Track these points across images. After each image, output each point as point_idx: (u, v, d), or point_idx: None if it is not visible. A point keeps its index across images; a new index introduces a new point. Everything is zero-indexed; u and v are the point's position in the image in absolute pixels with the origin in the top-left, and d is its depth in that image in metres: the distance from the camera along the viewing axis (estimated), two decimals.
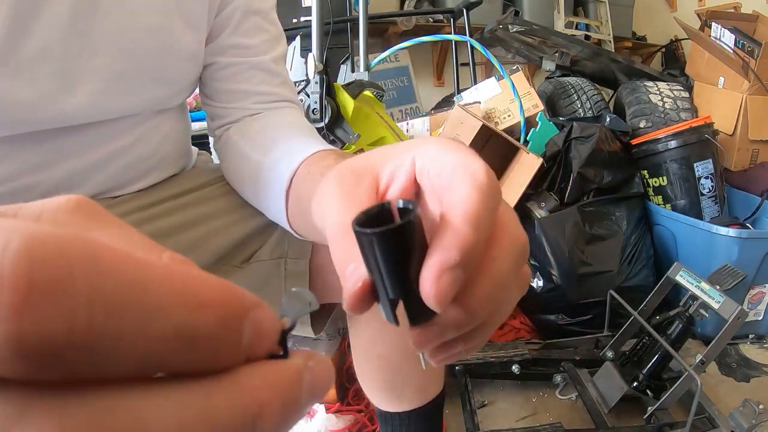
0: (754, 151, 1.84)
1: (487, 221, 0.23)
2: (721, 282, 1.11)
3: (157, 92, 0.55)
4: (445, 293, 0.21)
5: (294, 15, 2.09)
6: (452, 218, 0.22)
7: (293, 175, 0.46)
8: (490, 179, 0.23)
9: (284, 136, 0.54)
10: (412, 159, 0.26)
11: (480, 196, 0.22)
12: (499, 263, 0.24)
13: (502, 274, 0.24)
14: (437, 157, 0.25)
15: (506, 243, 0.24)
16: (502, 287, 0.24)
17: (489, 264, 0.23)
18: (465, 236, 0.21)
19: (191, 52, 0.55)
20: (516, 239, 0.25)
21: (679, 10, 3.29)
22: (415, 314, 0.23)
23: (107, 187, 0.56)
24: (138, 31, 0.50)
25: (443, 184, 0.24)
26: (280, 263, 0.60)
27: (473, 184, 0.23)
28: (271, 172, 0.49)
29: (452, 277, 0.21)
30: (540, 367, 1.29)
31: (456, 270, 0.21)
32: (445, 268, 0.21)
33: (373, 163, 0.27)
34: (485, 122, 1.41)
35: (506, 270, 0.24)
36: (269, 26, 0.62)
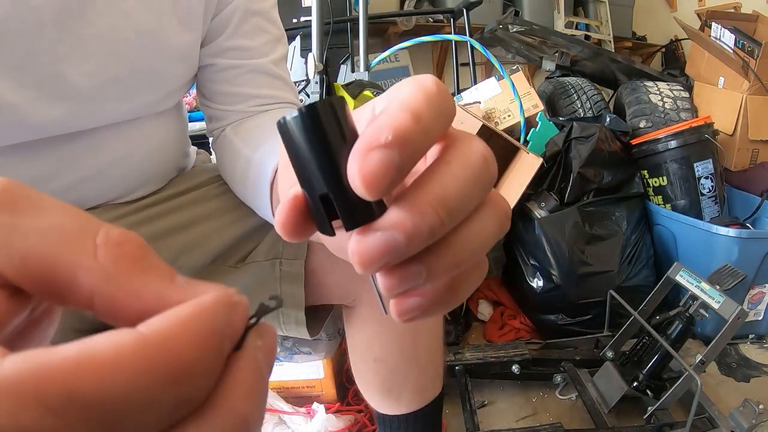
0: (754, 151, 1.84)
1: (429, 120, 0.19)
2: (721, 282, 1.11)
3: (150, 95, 0.54)
4: (374, 174, 0.18)
5: (294, 15, 2.09)
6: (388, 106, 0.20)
7: (276, 168, 0.45)
8: (438, 87, 0.20)
9: (274, 131, 0.54)
10: (372, 107, 0.23)
11: (424, 95, 0.19)
12: (454, 166, 0.20)
13: (458, 179, 0.20)
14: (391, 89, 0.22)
15: (463, 151, 0.21)
16: (460, 195, 0.20)
17: (440, 166, 0.20)
18: (399, 119, 0.18)
19: (185, 52, 0.54)
20: (475, 151, 0.21)
21: (679, 10, 3.29)
22: (348, 212, 0.19)
23: (108, 197, 0.55)
24: (131, 32, 0.48)
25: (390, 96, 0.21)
26: (275, 264, 0.59)
27: (419, 86, 0.20)
28: (258, 167, 0.48)
29: (383, 157, 0.18)
30: (540, 367, 1.29)
31: (388, 150, 0.18)
32: (373, 145, 0.18)
33: None
34: (485, 122, 1.41)
35: (463, 175, 0.20)
36: (270, 27, 0.61)
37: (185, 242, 0.57)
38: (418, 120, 0.19)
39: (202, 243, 0.58)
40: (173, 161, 0.63)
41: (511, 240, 1.57)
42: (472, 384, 1.24)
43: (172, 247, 0.57)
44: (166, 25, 0.51)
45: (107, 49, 0.47)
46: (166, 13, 0.51)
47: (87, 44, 0.46)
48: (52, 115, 0.46)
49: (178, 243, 0.57)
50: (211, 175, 0.64)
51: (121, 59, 0.49)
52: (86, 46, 0.46)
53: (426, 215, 0.19)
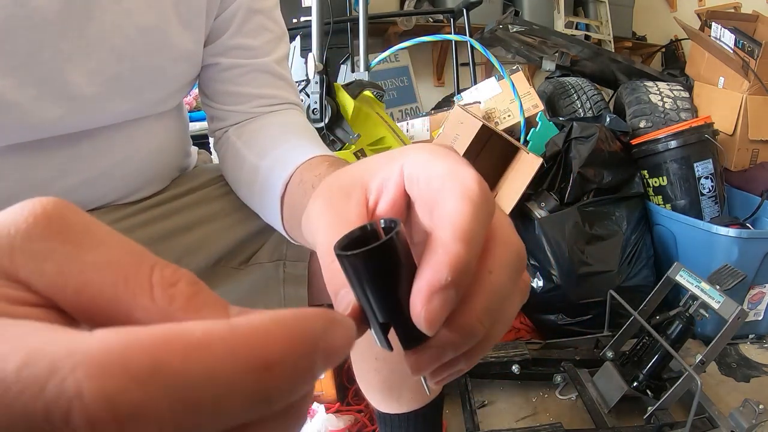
0: (754, 151, 1.84)
1: (479, 235, 0.22)
2: (721, 282, 1.11)
3: (153, 94, 0.53)
4: (436, 316, 0.20)
5: (294, 15, 2.09)
6: (442, 234, 0.21)
7: (287, 182, 0.45)
8: (481, 188, 0.22)
9: (280, 138, 0.53)
10: (400, 169, 0.25)
11: (471, 208, 0.21)
12: (496, 276, 0.22)
13: (500, 286, 0.22)
14: (426, 165, 0.24)
15: (502, 253, 0.23)
16: (501, 300, 0.23)
17: (484, 278, 0.22)
18: (456, 253, 0.20)
19: (187, 52, 0.54)
20: (512, 247, 0.23)
21: (679, 10, 3.29)
22: (407, 338, 0.22)
23: (110, 199, 0.55)
24: (133, 30, 0.48)
25: (433, 195, 0.23)
26: (278, 266, 0.59)
27: (464, 194, 0.22)
28: (267, 177, 0.48)
29: (444, 298, 0.20)
30: (540, 367, 1.29)
31: (447, 290, 0.20)
32: (435, 289, 0.20)
33: (362, 176, 0.26)
34: (485, 122, 1.41)
35: (504, 282, 0.23)
36: (272, 25, 0.60)
37: (189, 244, 0.57)
38: (470, 245, 0.21)
39: (206, 244, 0.58)
40: (175, 162, 0.63)
41: None
42: (472, 384, 1.24)
43: (175, 248, 0.57)
44: (168, 24, 0.51)
45: (109, 47, 0.47)
46: (169, 12, 0.51)
47: (89, 43, 0.46)
48: (54, 114, 0.46)
49: (181, 244, 0.57)
50: (213, 176, 0.64)
51: (124, 58, 0.48)
52: (88, 44, 0.46)
53: (474, 330, 0.22)
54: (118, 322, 0.16)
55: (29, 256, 0.15)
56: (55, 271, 0.15)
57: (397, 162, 0.25)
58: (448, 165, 0.23)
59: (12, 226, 0.15)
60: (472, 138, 1.38)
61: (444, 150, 0.25)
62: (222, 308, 0.17)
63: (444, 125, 1.44)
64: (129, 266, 0.16)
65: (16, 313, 0.15)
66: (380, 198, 0.25)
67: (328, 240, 0.24)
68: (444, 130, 1.43)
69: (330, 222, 0.25)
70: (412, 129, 1.66)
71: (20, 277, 0.15)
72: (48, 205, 0.16)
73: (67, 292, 0.15)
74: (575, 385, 1.22)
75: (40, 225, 0.16)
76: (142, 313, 0.16)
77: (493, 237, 0.23)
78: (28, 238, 0.15)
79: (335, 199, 0.26)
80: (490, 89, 1.69)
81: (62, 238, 0.16)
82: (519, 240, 0.24)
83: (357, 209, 0.25)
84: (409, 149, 0.26)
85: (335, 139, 1.26)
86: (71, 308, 0.16)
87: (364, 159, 0.29)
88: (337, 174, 0.28)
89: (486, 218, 0.22)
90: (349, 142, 1.26)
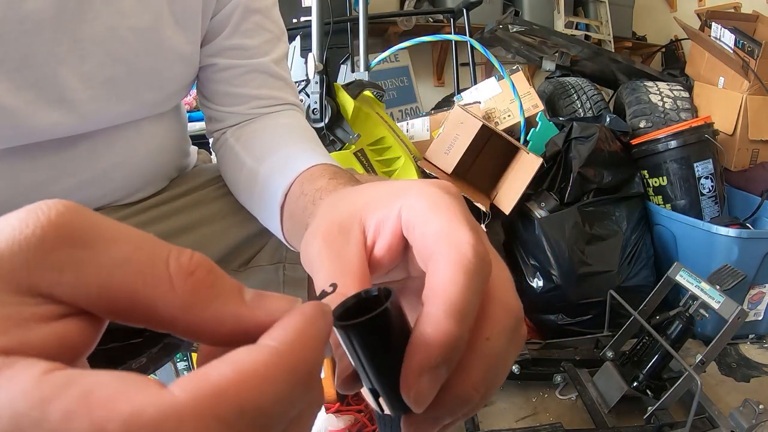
0: (754, 151, 1.84)
1: (472, 307, 0.21)
2: (721, 282, 1.11)
3: (150, 96, 0.53)
4: (425, 395, 0.20)
5: (294, 15, 2.09)
6: (433, 310, 0.20)
7: (287, 191, 0.44)
8: (476, 253, 0.21)
9: (279, 141, 0.53)
10: (398, 212, 0.24)
11: (464, 279, 0.21)
12: (494, 343, 0.22)
13: (497, 354, 0.22)
14: (423, 216, 0.23)
15: (500, 318, 0.22)
16: (497, 366, 0.22)
17: (481, 345, 0.22)
18: (446, 331, 0.20)
19: (184, 53, 0.53)
20: (511, 311, 0.23)
21: (679, 10, 3.29)
22: (399, 406, 0.21)
23: (109, 200, 0.55)
24: (128, 32, 0.48)
25: (427, 252, 0.23)
26: (278, 268, 0.59)
27: (457, 262, 0.21)
28: (266, 184, 0.48)
29: (433, 377, 0.20)
30: (540, 367, 1.29)
31: (438, 369, 0.20)
32: (425, 369, 0.20)
33: (360, 212, 0.26)
34: (485, 122, 1.41)
35: (501, 348, 0.22)
36: (270, 25, 0.59)
37: (188, 245, 0.57)
38: (462, 322, 0.20)
39: (205, 246, 0.57)
40: (174, 162, 0.63)
41: (511, 240, 1.57)
42: None
43: None
44: (163, 25, 0.50)
45: (105, 49, 0.47)
46: (164, 13, 0.50)
47: (84, 45, 0.45)
48: (50, 118, 0.45)
49: (181, 245, 0.57)
50: (213, 176, 0.63)
51: (119, 60, 0.48)
52: (83, 47, 0.45)
53: (470, 398, 0.22)
54: (141, 315, 0.16)
55: (46, 268, 0.16)
56: (74, 279, 0.16)
57: (396, 203, 0.25)
58: (445, 222, 0.23)
59: (22, 239, 0.16)
60: (472, 138, 1.38)
61: (444, 199, 0.24)
62: (238, 293, 0.18)
63: (444, 125, 1.44)
64: (145, 260, 0.16)
65: (49, 334, 0.15)
66: (378, 238, 0.25)
67: (327, 277, 0.24)
68: (444, 130, 1.43)
69: (329, 266, 0.24)
70: (412, 129, 1.66)
71: (42, 290, 0.16)
72: (51, 212, 0.16)
73: (90, 296, 0.16)
74: (575, 385, 1.22)
75: (51, 235, 0.16)
76: (164, 304, 0.16)
77: (491, 299, 0.23)
78: (42, 250, 0.16)
79: (334, 239, 0.25)
80: (490, 89, 1.69)
81: (74, 244, 0.16)
82: (517, 301, 0.23)
83: (355, 251, 0.25)
84: (409, 189, 0.25)
85: (335, 139, 1.26)
86: (96, 309, 0.16)
87: (363, 188, 0.28)
88: (335, 202, 0.28)
89: (480, 287, 0.21)
90: (349, 142, 1.26)
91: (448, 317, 0.20)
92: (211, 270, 0.17)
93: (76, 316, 0.16)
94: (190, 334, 0.17)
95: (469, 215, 0.24)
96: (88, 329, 0.17)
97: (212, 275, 0.17)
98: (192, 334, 0.17)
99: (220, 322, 0.17)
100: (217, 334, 0.17)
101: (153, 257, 0.17)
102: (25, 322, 0.15)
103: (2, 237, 0.16)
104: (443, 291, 0.21)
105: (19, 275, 0.15)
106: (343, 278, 0.23)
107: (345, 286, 0.23)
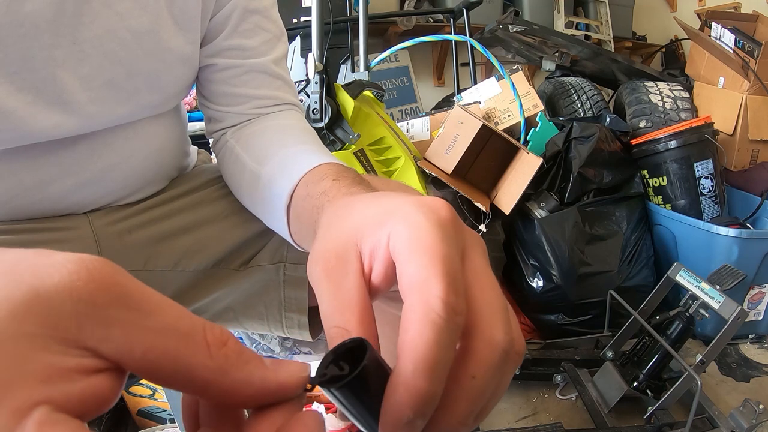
0: (754, 151, 1.84)
1: (442, 362, 0.21)
2: (721, 282, 1.11)
3: (150, 98, 0.53)
4: None
5: (294, 15, 2.09)
6: (403, 367, 0.21)
7: (292, 192, 0.45)
8: (445, 307, 0.21)
9: (279, 142, 0.53)
10: (387, 239, 0.25)
11: (432, 336, 0.21)
12: (479, 380, 0.22)
13: (484, 389, 0.22)
14: (403, 252, 0.24)
15: (484, 356, 0.22)
16: (484, 401, 0.22)
17: (465, 384, 0.22)
18: (416, 389, 0.20)
19: (184, 55, 0.53)
20: (495, 347, 0.22)
21: (679, 10, 3.29)
22: None
23: (109, 200, 0.55)
24: (127, 34, 0.48)
25: (404, 297, 0.23)
26: (279, 268, 0.59)
27: (425, 319, 0.21)
28: (269, 186, 0.48)
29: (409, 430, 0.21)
30: (540, 367, 1.29)
31: (412, 423, 0.21)
32: (398, 426, 0.21)
33: (354, 238, 0.26)
34: (485, 122, 1.41)
35: (488, 384, 0.22)
36: (269, 25, 0.59)
37: (188, 245, 0.57)
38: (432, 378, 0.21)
39: (206, 246, 0.58)
40: (174, 162, 0.63)
41: (511, 240, 1.57)
42: None
43: (175, 249, 0.57)
44: (162, 27, 0.50)
45: (103, 52, 0.47)
46: (163, 15, 0.50)
47: (83, 48, 0.45)
48: (50, 119, 0.45)
49: (181, 246, 0.57)
50: (213, 176, 0.63)
51: (118, 62, 0.48)
52: (82, 49, 0.45)
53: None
54: (180, 377, 0.18)
55: (96, 324, 0.17)
56: (122, 338, 0.17)
57: (385, 228, 0.25)
58: (420, 268, 0.22)
59: (73, 290, 0.16)
60: (472, 138, 1.38)
61: (427, 232, 0.24)
62: (261, 360, 0.20)
63: (444, 125, 1.44)
64: (187, 329, 0.18)
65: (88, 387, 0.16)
66: (374, 264, 0.26)
67: (330, 310, 0.25)
68: (444, 130, 1.43)
69: (330, 300, 0.25)
70: (412, 129, 1.66)
71: (88, 345, 0.17)
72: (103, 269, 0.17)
73: (134, 356, 0.17)
74: (575, 385, 1.22)
75: (102, 292, 0.17)
76: (202, 369, 0.18)
77: (475, 334, 0.23)
78: (93, 306, 0.17)
79: (332, 269, 0.26)
80: (490, 89, 1.68)
81: (124, 305, 0.17)
82: (504, 333, 0.23)
83: (354, 283, 0.25)
84: (397, 212, 0.25)
85: (335, 139, 1.26)
86: (137, 369, 0.18)
87: (356, 206, 0.28)
88: (331, 222, 0.29)
89: (451, 339, 0.21)
90: (349, 142, 1.26)
91: (417, 375, 0.21)
92: (237, 341, 0.19)
93: (110, 371, 0.17)
94: (220, 395, 0.19)
95: (452, 247, 0.24)
96: (117, 385, 0.18)
97: (239, 345, 0.19)
98: (222, 396, 0.19)
99: (249, 383, 0.19)
100: (245, 394, 0.19)
101: (193, 327, 0.18)
102: (69, 372, 0.16)
103: (52, 282, 0.16)
104: (411, 348, 0.21)
105: (67, 324, 0.16)
106: (343, 314, 0.24)
107: (347, 322, 0.24)
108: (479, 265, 0.25)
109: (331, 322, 0.24)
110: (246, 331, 1.23)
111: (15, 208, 0.49)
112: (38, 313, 0.16)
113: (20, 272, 0.16)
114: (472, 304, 0.23)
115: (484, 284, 0.24)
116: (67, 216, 0.52)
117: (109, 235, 0.54)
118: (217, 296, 0.60)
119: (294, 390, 0.20)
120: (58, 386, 0.16)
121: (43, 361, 0.16)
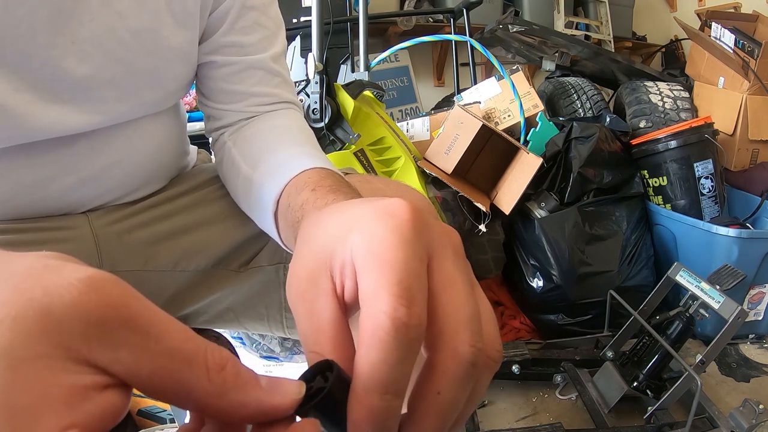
0: (754, 151, 1.84)
1: (395, 377, 0.21)
2: (721, 282, 1.11)
3: (150, 96, 0.53)
4: None
5: (294, 15, 2.09)
6: (355, 384, 0.21)
7: (278, 199, 0.45)
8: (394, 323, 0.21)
9: (271, 146, 0.53)
10: (351, 255, 0.24)
11: (379, 354, 0.21)
12: (444, 396, 0.22)
13: (450, 405, 0.22)
14: (360, 266, 0.23)
15: (448, 370, 0.22)
16: (453, 414, 0.22)
17: (431, 399, 0.22)
18: (369, 407, 0.21)
19: (184, 52, 0.53)
20: (461, 360, 0.22)
21: (679, 10, 3.28)
22: None
23: (108, 199, 0.55)
24: (126, 33, 0.48)
25: (360, 306, 0.23)
26: (278, 269, 0.59)
27: (372, 337, 0.21)
28: (258, 191, 0.49)
29: None
30: (540, 367, 1.29)
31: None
32: None
33: (324, 257, 0.26)
34: (485, 122, 1.41)
35: (453, 400, 0.22)
36: (267, 21, 0.59)
37: (188, 245, 0.57)
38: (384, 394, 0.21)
39: (205, 246, 0.57)
40: (173, 161, 0.63)
41: (511, 240, 1.57)
42: None
43: (174, 250, 0.57)
44: (161, 25, 0.50)
45: (103, 50, 0.47)
46: (162, 12, 0.50)
47: (82, 46, 0.45)
48: (50, 117, 0.45)
49: (180, 246, 0.57)
50: (213, 176, 0.63)
51: (118, 60, 0.48)
52: (81, 48, 0.45)
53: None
54: (181, 397, 0.19)
55: (106, 344, 0.17)
56: (131, 359, 0.18)
57: (348, 243, 0.24)
58: (371, 282, 0.22)
59: (82, 312, 0.17)
60: (472, 138, 1.38)
61: (384, 242, 0.23)
62: (257, 381, 0.21)
63: (444, 125, 1.44)
64: (191, 352, 0.19)
65: (103, 402, 0.17)
66: (345, 281, 0.25)
67: (305, 334, 0.25)
68: (444, 130, 1.43)
69: (304, 324, 0.25)
70: (412, 129, 1.66)
71: (98, 364, 0.17)
72: (110, 290, 0.18)
73: (141, 376, 0.18)
74: (575, 385, 1.22)
75: (112, 314, 0.17)
76: (201, 390, 0.19)
77: (440, 346, 0.22)
78: (102, 326, 0.17)
79: (305, 292, 0.26)
80: (490, 89, 1.68)
81: (133, 327, 0.18)
82: (470, 343, 0.22)
83: (326, 305, 0.25)
84: (357, 224, 0.25)
85: (335, 139, 1.26)
86: (141, 387, 0.19)
87: (323, 225, 0.27)
88: (304, 239, 0.28)
89: (403, 353, 0.21)
90: (349, 142, 1.26)
91: (368, 393, 0.21)
92: (235, 363, 0.20)
93: (119, 386, 0.18)
94: (217, 415, 0.20)
95: (411, 251, 0.22)
96: (127, 397, 0.19)
97: (237, 368, 0.20)
98: (219, 415, 0.20)
99: (244, 405, 0.20)
100: (240, 414, 0.20)
101: (196, 350, 0.19)
102: (86, 391, 0.17)
103: (63, 303, 0.17)
104: (360, 366, 0.21)
105: (79, 345, 0.17)
106: (317, 339, 0.24)
107: (321, 346, 0.24)
108: (447, 268, 0.24)
109: (306, 347, 0.24)
110: (246, 332, 1.22)
111: (15, 206, 0.49)
112: (51, 333, 0.16)
113: (30, 289, 0.17)
114: (437, 312, 0.23)
115: (452, 290, 0.23)
116: (66, 215, 0.52)
117: (109, 234, 0.54)
118: (217, 297, 0.60)
119: (288, 410, 0.21)
120: (81, 407, 0.16)
121: (63, 383, 0.16)
